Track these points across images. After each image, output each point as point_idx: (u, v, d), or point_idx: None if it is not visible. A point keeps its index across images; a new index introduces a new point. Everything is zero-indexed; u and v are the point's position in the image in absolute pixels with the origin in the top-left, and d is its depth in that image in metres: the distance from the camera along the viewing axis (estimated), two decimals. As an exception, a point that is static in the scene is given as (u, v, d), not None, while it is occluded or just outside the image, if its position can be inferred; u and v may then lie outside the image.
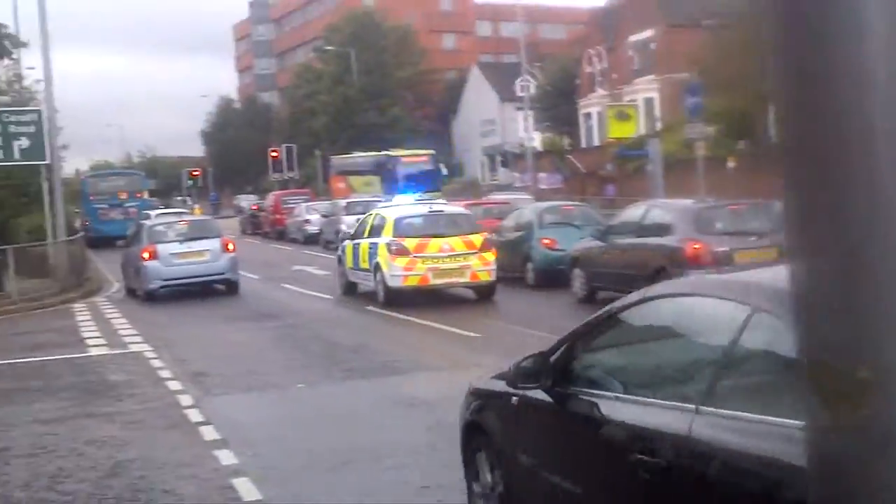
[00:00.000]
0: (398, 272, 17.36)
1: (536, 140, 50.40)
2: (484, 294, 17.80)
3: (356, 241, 19.33)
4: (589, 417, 4.40)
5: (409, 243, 17.51)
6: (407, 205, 20.77)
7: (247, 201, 52.44)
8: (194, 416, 9.71)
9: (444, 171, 48.71)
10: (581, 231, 18.65)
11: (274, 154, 57.91)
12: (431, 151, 48.32)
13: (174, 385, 11.42)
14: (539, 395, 4.81)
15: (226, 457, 8.03)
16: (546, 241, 19.11)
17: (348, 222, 27.74)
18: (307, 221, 37.06)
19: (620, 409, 4.21)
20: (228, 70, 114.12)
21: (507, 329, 14.61)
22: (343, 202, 41.36)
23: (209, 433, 8.91)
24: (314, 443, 8.43)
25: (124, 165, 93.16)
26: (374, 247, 18.11)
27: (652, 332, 4.65)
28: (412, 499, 6.89)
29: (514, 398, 5.11)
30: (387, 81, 66.24)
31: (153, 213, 36.94)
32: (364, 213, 23.03)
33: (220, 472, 7.65)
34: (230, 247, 21.59)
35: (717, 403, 3.61)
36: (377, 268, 17.85)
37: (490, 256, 17.69)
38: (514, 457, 5.16)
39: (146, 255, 20.90)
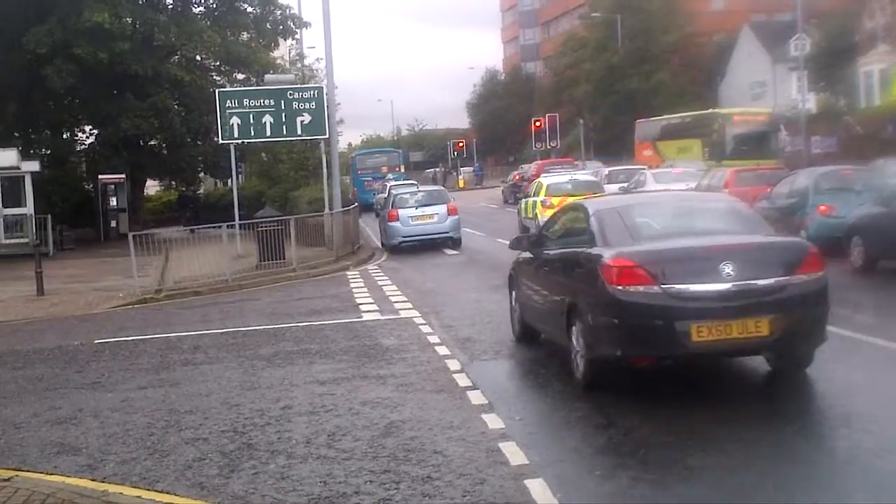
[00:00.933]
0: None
1: (811, 102, 47.43)
2: None
3: (527, 199, 28.95)
4: (542, 260, 10.61)
5: (554, 200, 25.54)
6: (557, 175, 31.17)
7: (524, 172, 51.50)
8: (462, 380, 9.93)
9: (785, 134, 40.17)
10: (861, 197, 17.48)
11: (537, 124, 58.13)
12: (769, 110, 41.78)
13: (442, 350, 11.74)
14: (527, 254, 11.30)
15: (492, 421, 8.18)
16: (823, 208, 18.05)
17: (610, 191, 28.70)
18: (568, 191, 37.16)
19: (550, 255, 10.36)
20: (494, 42, 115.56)
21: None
22: (605, 171, 40.94)
23: (476, 397, 9.10)
24: (575, 413, 8.41)
25: (392, 140, 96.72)
26: (535, 203, 27.46)
27: (565, 223, 10.64)
28: (676, 478, 6.74)
29: (521, 257, 11.58)
30: (652, 46, 64.67)
31: (388, 184, 39.90)
32: (627, 182, 33.30)
33: (486, 435, 7.79)
34: (454, 211, 26.98)
35: (566, 246, 10.04)
36: (535, 217, 26.61)
37: None
38: (520, 285, 11.48)
39: (390, 217, 27.00)
